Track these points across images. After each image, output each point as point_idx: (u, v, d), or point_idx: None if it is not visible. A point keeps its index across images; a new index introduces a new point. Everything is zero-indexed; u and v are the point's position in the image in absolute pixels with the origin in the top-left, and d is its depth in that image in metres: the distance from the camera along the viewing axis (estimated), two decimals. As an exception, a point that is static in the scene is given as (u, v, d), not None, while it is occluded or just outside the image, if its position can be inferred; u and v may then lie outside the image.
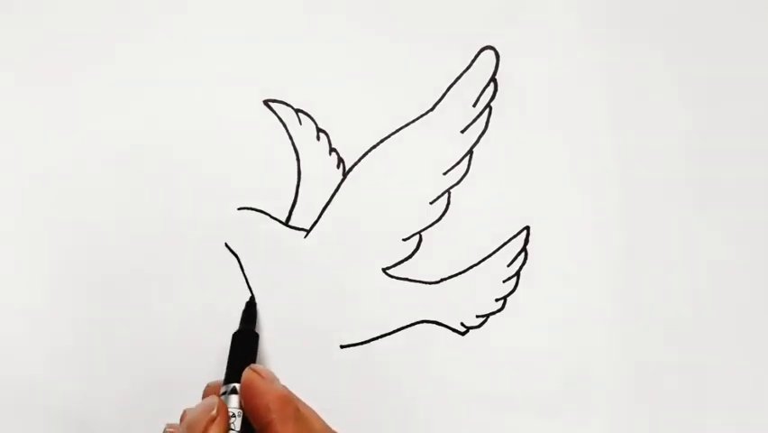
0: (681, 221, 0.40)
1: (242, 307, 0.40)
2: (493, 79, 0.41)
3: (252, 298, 0.40)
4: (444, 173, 0.41)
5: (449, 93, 0.41)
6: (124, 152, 0.41)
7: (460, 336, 0.40)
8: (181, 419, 0.34)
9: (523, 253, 0.40)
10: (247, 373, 0.34)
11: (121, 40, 0.41)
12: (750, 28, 0.41)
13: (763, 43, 0.41)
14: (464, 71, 0.41)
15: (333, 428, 0.34)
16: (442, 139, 0.41)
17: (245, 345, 0.38)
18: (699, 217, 0.40)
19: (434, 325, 0.40)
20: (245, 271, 0.40)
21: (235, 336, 0.38)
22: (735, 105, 0.41)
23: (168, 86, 0.41)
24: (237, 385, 0.35)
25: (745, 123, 0.41)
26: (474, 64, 0.41)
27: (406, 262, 0.40)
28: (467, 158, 0.41)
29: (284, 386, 0.35)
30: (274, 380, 0.35)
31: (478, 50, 0.41)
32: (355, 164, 0.41)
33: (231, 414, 0.34)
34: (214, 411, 0.33)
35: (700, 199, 0.40)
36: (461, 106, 0.41)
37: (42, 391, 0.40)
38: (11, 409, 0.40)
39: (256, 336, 0.39)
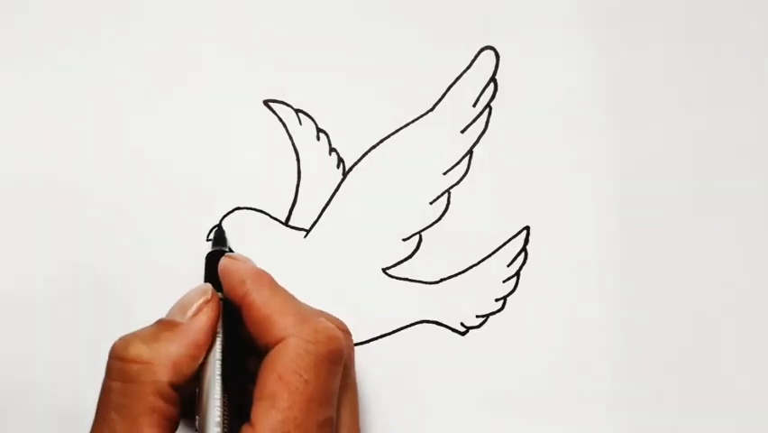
0: (682, 221, 0.40)
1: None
2: (493, 79, 0.41)
3: (220, 225, 0.40)
4: (444, 173, 0.41)
5: (449, 93, 0.41)
6: (123, 152, 0.41)
7: (460, 336, 0.40)
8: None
9: (523, 253, 0.40)
10: (222, 259, 0.36)
11: (120, 39, 0.41)
12: (750, 28, 0.41)
13: (764, 44, 0.41)
14: (464, 71, 0.41)
15: None
16: (442, 139, 0.41)
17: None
18: (700, 218, 0.40)
19: (434, 325, 0.40)
20: (245, 271, 0.40)
21: (209, 257, 0.38)
22: (735, 106, 0.41)
23: (167, 85, 0.41)
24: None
25: (745, 124, 0.41)
26: (474, 64, 0.41)
27: (406, 262, 0.40)
28: (467, 158, 0.41)
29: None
30: (248, 261, 0.37)
31: (478, 50, 0.41)
32: (355, 164, 0.41)
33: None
34: (209, 295, 0.35)
35: (702, 200, 0.40)
36: (461, 106, 0.41)
37: (41, 391, 0.40)
38: (10, 409, 0.40)
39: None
